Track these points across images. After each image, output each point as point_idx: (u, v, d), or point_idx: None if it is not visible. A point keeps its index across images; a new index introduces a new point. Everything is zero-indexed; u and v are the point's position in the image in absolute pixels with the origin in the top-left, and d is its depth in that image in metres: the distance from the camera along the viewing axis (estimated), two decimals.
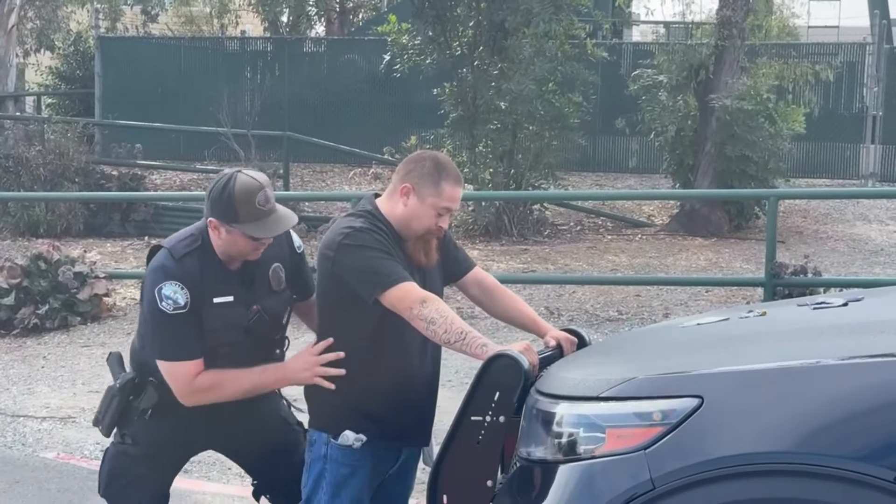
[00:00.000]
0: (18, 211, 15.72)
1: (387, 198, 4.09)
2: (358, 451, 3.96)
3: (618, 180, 19.93)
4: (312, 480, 4.03)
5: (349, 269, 3.89)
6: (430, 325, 3.78)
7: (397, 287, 3.83)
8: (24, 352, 10.09)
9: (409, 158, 4.11)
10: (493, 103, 15.36)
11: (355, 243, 3.90)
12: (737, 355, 3.26)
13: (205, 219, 4.16)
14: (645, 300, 11.38)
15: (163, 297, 4.00)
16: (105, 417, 4.26)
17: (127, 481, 4.35)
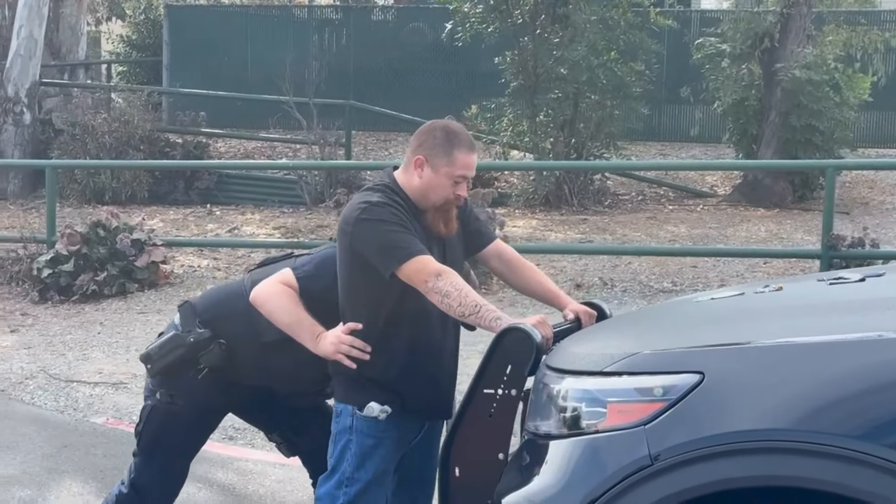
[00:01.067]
0: (84, 178, 15.93)
1: (403, 171, 4.10)
2: (383, 422, 3.99)
3: (682, 150, 19.74)
4: (338, 451, 4.06)
5: (366, 243, 3.91)
6: (445, 297, 3.80)
7: (413, 260, 3.84)
8: (81, 318, 10.25)
9: (420, 130, 4.09)
10: (554, 72, 15.27)
11: (372, 217, 3.92)
12: (743, 331, 3.22)
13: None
14: (701, 271, 11.29)
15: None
16: (159, 360, 4.30)
17: (170, 439, 4.42)
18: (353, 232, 3.94)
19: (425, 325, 4.03)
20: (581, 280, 10.95)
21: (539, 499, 3.22)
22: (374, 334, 3.99)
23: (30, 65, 17.17)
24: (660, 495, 3.00)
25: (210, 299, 4.48)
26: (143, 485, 4.48)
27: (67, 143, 16.52)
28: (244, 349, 4.31)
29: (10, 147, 17.03)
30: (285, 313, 4.10)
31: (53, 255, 10.93)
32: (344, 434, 4.04)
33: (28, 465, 6.55)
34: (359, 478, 4.00)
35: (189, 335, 4.29)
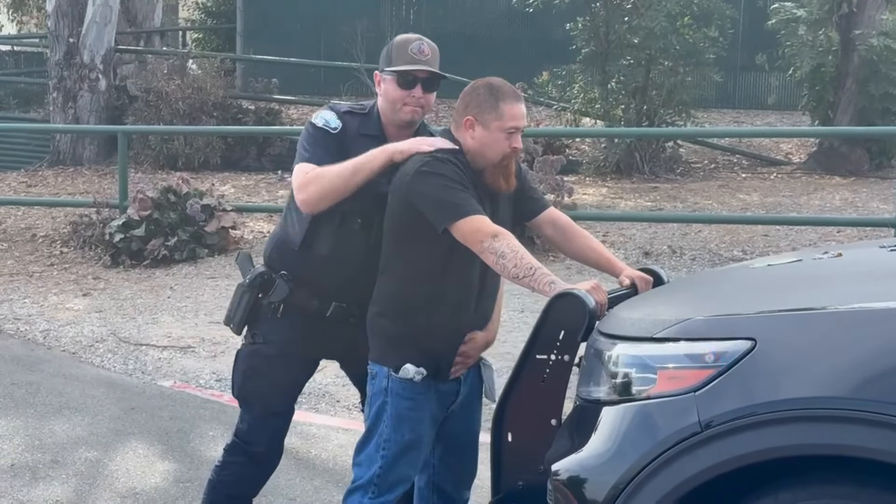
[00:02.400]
0: (158, 144, 16.07)
1: (455, 132, 4.08)
2: (419, 384, 3.98)
3: (757, 117, 19.47)
4: (374, 413, 4.06)
5: (424, 196, 3.89)
6: (501, 258, 3.76)
7: (470, 219, 3.81)
8: (152, 282, 10.36)
9: (464, 91, 4.07)
10: (625, 38, 15.12)
11: (433, 171, 3.90)
12: (797, 298, 3.17)
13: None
14: (773, 240, 11.15)
15: (319, 117, 4.20)
16: (236, 314, 4.32)
17: (261, 381, 4.38)
18: (410, 184, 3.92)
19: (466, 289, 4.01)
20: (650, 248, 10.86)
21: (590, 465, 3.21)
22: (416, 293, 3.99)
23: (105, 31, 17.33)
24: (710, 462, 2.97)
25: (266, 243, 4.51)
26: (245, 432, 4.47)
27: (142, 110, 16.66)
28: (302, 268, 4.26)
29: (86, 113, 17.21)
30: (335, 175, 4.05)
31: (125, 220, 11.06)
32: (379, 395, 4.03)
33: (95, 427, 6.65)
34: (396, 439, 3.99)
35: (246, 278, 4.32)
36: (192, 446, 6.36)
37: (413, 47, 4.17)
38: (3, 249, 11.84)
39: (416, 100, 4.17)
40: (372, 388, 4.08)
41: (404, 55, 4.16)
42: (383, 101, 4.21)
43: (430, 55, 4.18)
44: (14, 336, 8.84)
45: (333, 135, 4.17)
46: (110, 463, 6.07)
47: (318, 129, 4.19)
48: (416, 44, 4.17)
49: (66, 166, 16.82)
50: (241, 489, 4.58)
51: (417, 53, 4.16)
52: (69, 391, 7.35)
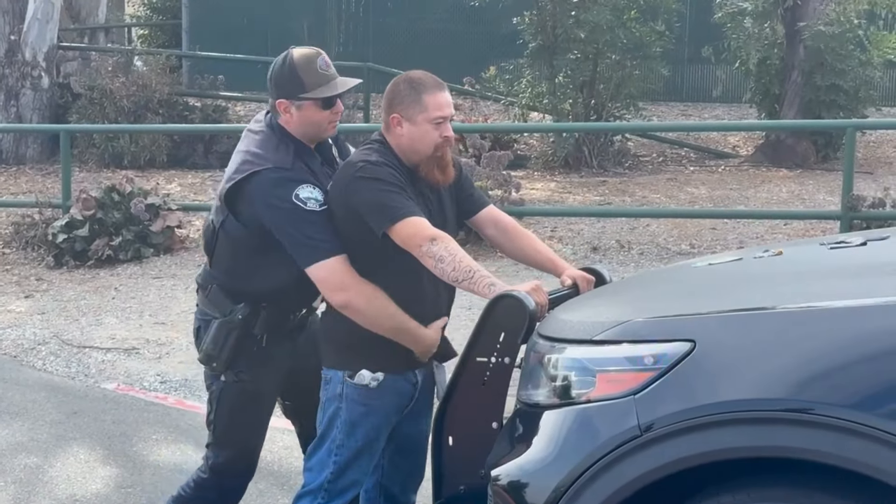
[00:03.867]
0: (103, 142, 15.88)
1: (385, 134, 4.03)
2: (374, 389, 3.94)
3: (704, 110, 19.55)
4: (327, 419, 4.01)
5: (362, 201, 3.85)
6: (439, 262, 3.73)
7: (407, 221, 3.78)
8: (96, 283, 10.24)
9: (386, 91, 4.04)
10: (572, 32, 15.10)
11: (369, 176, 3.86)
12: (736, 298, 3.15)
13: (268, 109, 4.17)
14: (720, 233, 11.19)
15: (305, 201, 3.94)
16: (221, 353, 4.15)
17: (247, 418, 4.30)
18: (348, 189, 3.88)
19: (417, 289, 3.96)
20: (598, 243, 10.86)
21: (530, 469, 3.18)
22: None
23: (47, 28, 17.10)
24: (650, 466, 2.94)
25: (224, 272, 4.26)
26: (222, 467, 4.35)
27: (86, 108, 16.46)
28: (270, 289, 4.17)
29: (29, 111, 16.99)
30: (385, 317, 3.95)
31: (69, 220, 10.92)
32: (333, 401, 3.99)
33: (36, 432, 6.55)
34: (349, 445, 3.95)
35: (234, 315, 4.17)
36: (136, 451, 6.27)
37: (320, 64, 4.08)
38: None
39: (337, 115, 4.15)
40: (325, 394, 4.03)
41: (315, 75, 4.05)
42: (301, 125, 4.08)
43: (331, 65, 4.14)
44: None
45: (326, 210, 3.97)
46: (50, 469, 5.98)
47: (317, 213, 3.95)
48: (320, 60, 4.08)
49: (8, 166, 16.58)
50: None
51: (326, 69, 4.08)
52: (9, 395, 7.23)
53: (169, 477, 5.81)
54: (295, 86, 4.05)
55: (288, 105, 4.07)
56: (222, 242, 4.21)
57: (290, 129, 4.12)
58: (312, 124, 4.11)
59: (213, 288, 4.25)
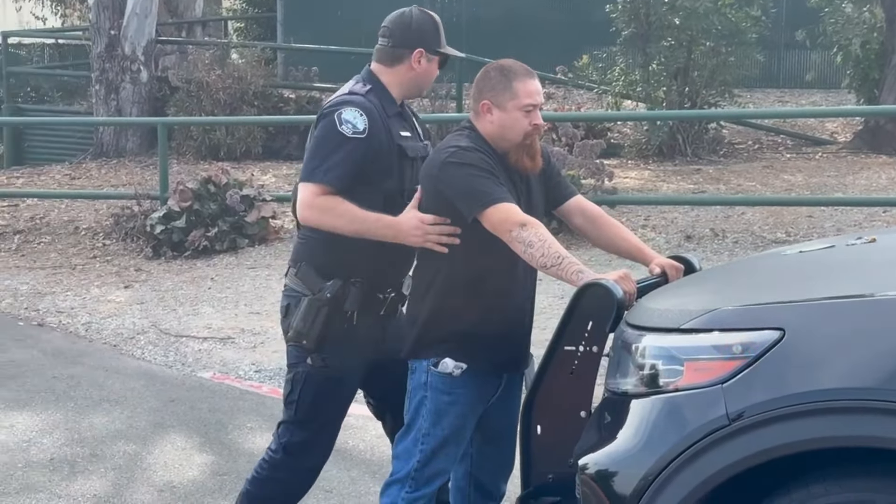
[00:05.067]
0: (200, 135, 16.10)
1: (474, 121, 4.04)
2: (458, 378, 3.95)
3: (801, 96, 19.23)
4: (414, 408, 4.04)
5: (452, 186, 3.88)
6: (528, 248, 3.73)
7: (497, 207, 3.78)
8: (193, 273, 10.39)
9: (476, 78, 4.07)
10: (666, 19, 14.96)
11: (460, 161, 3.89)
12: (827, 286, 3.10)
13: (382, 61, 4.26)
14: (817, 221, 11.01)
15: (343, 121, 4.05)
16: (311, 330, 4.16)
17: (331, 403, 4.33)
18: (439, 175, 3.91)
19: (506, 277, 3.97)
20: (692, 232, 10.76)
21: (617, 458, 3.17)
22: (454, 284, 3.94)
23: (146, 23, 17.37)
24: (739, 456, 2.92)
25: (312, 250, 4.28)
26: (297, 448, 4.36)
27: (183, 101, 16.69)
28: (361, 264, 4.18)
29: (128, 105, 17.28)
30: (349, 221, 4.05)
31: (166, 212, 11.09)
32: (419, 390, 4.01)
33: (135, 420, 6.67)
34: (435, 434, 3.96)
35: (324, 292, 4.17)
36: (231, 438, 6.36)
37: (441, 28, 4.28)
38: (46, 242, 11.91)
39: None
40: (412, 383, 4.06)
41: (441, 36, 4.27)
42: (416, 77, 4.25)
43: None
44: (56, 329, 8.90)
45: (360, 140, 4.06)
46: (148, 456, 6.09)
47: (345, 139, 4.05)
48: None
49: (109, 158, 16.89)
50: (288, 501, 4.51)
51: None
52: (109, 384, 7.39)
53: None
54: (436, 38, 4.25)
55: (422, 55, 4.22)
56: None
57: (398, 78, 4.25)
58: (427, 78, 4.29)
59: (303, 266, 4.26)
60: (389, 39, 4.26)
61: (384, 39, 4.28)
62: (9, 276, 10.58)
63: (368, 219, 4.03)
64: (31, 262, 11.13)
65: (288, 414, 4.37)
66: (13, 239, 12.05)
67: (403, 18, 4.25)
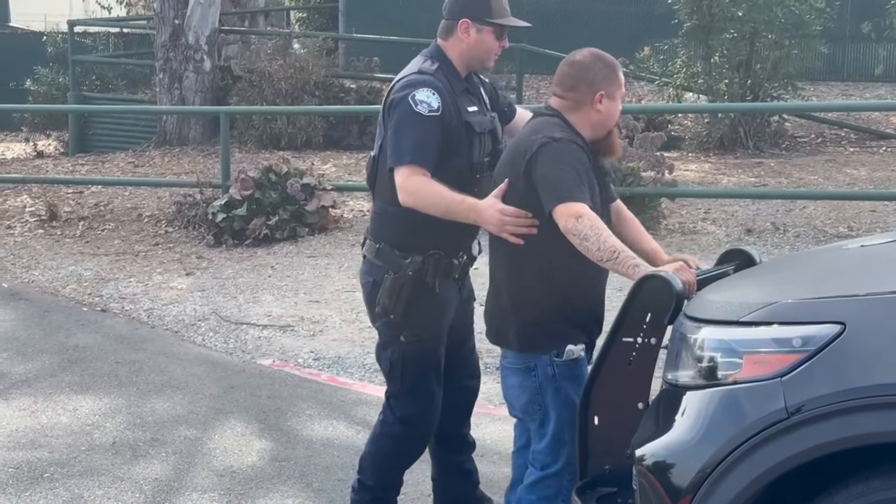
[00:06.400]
0: (261, 124, 16.22)
1: (573, 111, 4.07)
2: (579, 359, 4.04)
3: (866, 90, 19.01)
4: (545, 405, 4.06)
5: (541, 176, 3.92)
6: (584, 241, 3.77)
7: (568, 204, 3.81)
8: (253, 261, 10.48)
9: (578, 68, 4.08)
10: (729, 11, 14.85)
11: (553, 153, 3.93)
12: (889, 280, 3.09)
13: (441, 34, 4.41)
14: (880, 216, 10.90)
15: (422, 103, 4.19)
16: (398, 305, 4.35)
17: (431, 371, 4.53)
18: (531, 161, 3.94)
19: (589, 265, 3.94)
20: (752, 225, 10.69)
21: (674, 449, 3.17)
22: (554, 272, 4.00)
23: (209, 12, 17.50)
24: (797, 449, 2.92)
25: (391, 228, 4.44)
26: (416, 418, 4.58)
27: (245, 90, 16.80)
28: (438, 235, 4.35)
29: (192, 94, 17.43)
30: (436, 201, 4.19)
31: (227, 200, 11.18)
32: (548, 385, 4.04)
33: (195, 406, 6.75)
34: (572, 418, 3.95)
35: (405, 269, 4.35)
36: (290, 425, 6.42)
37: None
38: (110, 229, 12.06)
39: (500, 49, 4.39)
40: (534, 381, 4.07)
41: (500, 4, 4.36)
42: (469, 48, 4.36)
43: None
44: (119, 315, 9.01)
45: (436, 118, 4.20)
46: (209, 441, 6.16)
47: (423, 118, 4.17)
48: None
49: (172, 146, 17.06)
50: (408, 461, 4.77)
51: (505, 3, 4.38)
52: (171, 370, 7.48)
53: (321, 451, 5.96)
54: (483, 9, 4.33)
55: (469, 25, 4.33)
56: (382, 170, 4.40)
57: (454, 52, 4.38)
58: (483, 50, 4.36)
59: (384, 246, 4.40)
60: (444, 13, 4.43)
61: (443, 14, 4.44)
62: (73, 261, 10.73)
63: (454, 200, 4.16)
64: (94, 249, 11.27)
65: (394, 388, 4.59)
66: (78, 225, 12.20)
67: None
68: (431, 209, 4.19)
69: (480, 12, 4.32)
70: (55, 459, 5.87)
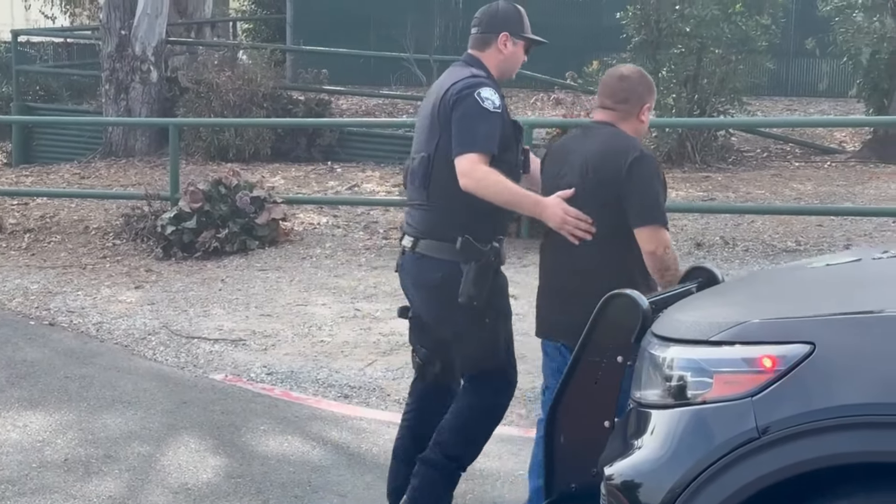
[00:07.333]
0: (209, 136, 16.11)
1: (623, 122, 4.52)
2: None
3: (810, 105, 19.25)
4: None
5: (635, 189, 4.30)
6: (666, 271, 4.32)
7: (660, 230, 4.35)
8: (203, 274, 10.40)
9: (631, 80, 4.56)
10: (677, 27, 14.98)
11: (648, 169, 4.35)
12: (857, 300, 3.11)
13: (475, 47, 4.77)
14: (827, 230, 11.03)
15: (488, 100, 4.53)
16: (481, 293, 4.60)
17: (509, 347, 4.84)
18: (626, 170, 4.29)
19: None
20: (702, 239, 10.77)
21: (644, 469, 3.17)
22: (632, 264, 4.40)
23: (156, 23, 17.38)
24: (767, 469, 2.92)
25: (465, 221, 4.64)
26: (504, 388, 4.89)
27: (193, 101, 16.70)
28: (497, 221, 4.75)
29: (138, 105, 17.29)
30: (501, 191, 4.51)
31: (177, 213, 11.10)
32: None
33: (148, 421, 6.68)
34: None
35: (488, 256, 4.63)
36: (244, 441, 6.36)
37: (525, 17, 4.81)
38: (56, 242, 11.93)
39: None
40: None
41: (525, 23, 4.79)
42: (504, 60, 4.75)
43: None
44: (67, 329, 8.90)
45: (499, 114, 4.56)
46: (162, 458, 6.10)
47: (489, 113, 4.52)
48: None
49: (118, 158, 16.91)
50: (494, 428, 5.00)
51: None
52: (122, 384, 7.39)
53: (277, 467, 5.91)
54: (519, 25, 4.75)
55: (508, 38, 4.73)
56: (440, 168, 4.64)
57: (492, 62, 4.75)
58: (514, 62, 4.79)
59: (466, 239, 4.61)
60: (479, 27, 4.80)
61: (475, 28, 4.81)
62: (19, 274, 10.59)
63: (519, 192, 4.59)
64: (41, 261, 11.14)
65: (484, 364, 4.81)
66: (23, 238, 12.06)
67: (490, 8, 4.80)
68: (494, 197, 4.52)
69: (517, 27, 4.74)
70: (6, 477, 5.78)
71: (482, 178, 4.48)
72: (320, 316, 8.91)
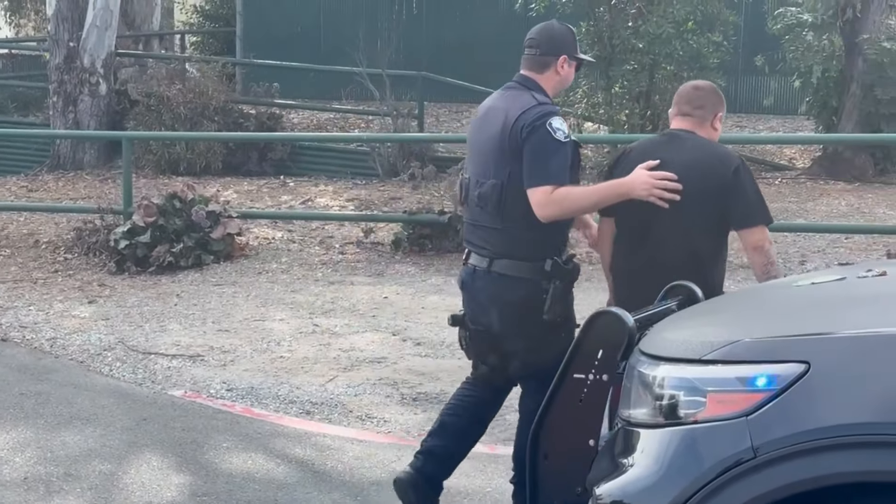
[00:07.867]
0: (160, 149, 15.99)
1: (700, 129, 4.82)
2: None
3: (759, 121, 19.42)
4: None
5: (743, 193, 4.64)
6: (771, 266, 4.68)
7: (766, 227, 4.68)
8: (158, 289, 10.29)
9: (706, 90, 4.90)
10: (630, 43, 15.05)
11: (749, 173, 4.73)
12: (849, 319, 3.10)
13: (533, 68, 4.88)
14: (781, 247, 11.07)
15: (559, 131, 4.66)
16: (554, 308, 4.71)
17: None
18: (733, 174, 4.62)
19: None
20: None
21: (635, 489, 3.14)
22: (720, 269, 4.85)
23: (105, 35, 17.23)
24: (762, 490, 2.90)
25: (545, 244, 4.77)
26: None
27: (143, 114, 16.57)
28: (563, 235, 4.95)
29: (87, 117, 17.13)
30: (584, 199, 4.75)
31: (130, 227, 10.98)
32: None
33: (107, 439, 6.57)
34: None
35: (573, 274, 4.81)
36: (207, 459, 6.28)
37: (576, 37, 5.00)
38: (5, 256, 11.76)
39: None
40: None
41: (577, 44, 4.97)
42: (560, 81, 4.92)
43: None
44: (20, 344, 8.76)
45: (570, 142, 4.72)
46: (125, 476, 6.00)
47: (561, 144, 4.64)
48: None
49: (66, 171, 16.74)
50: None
51: None
52: (79, 401, 7.27)
53: (242, 485, 5.83)
54: (574, 46, 4.93)
55: (565, 60, 4.87)
56: (513, 195, 4.73)
57: (550, 84, 4.88)
58: (567, 82, 5.00)
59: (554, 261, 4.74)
60: (537, 49, 4.89)
61: (531, 49, 4.90)
62: None
63: (600, 189, 4.86)
64: None
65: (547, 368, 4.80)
66: None
67: (548, 30, 4.94)
68: (582, 209, 4.83)
69: (572, 49, 4.90)
70: None
71: (561, 200, 4.62)
72: (278, 331, 8.84)
